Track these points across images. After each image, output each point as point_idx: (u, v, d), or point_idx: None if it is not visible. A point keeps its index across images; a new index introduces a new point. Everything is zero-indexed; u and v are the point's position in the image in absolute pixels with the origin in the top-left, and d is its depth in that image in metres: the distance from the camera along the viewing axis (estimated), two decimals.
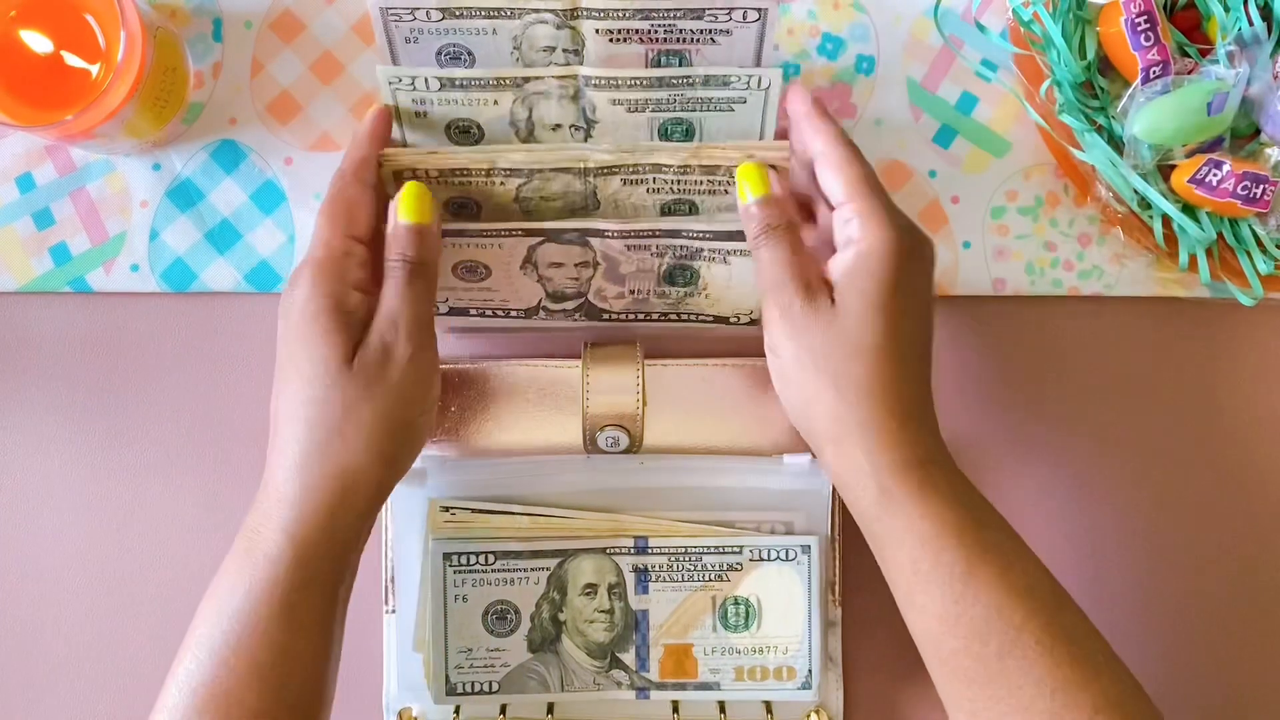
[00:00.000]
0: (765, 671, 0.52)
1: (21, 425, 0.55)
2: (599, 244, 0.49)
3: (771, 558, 0.52)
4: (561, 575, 0.52)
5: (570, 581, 0.52)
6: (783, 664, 0.52)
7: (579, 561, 0.52)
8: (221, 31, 0.56)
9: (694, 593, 0.52)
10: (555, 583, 0.52)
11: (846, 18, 0.56)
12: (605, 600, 0.52)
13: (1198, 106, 0.50)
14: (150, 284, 0.55)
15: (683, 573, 0.52)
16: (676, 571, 0.52)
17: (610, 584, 0.52)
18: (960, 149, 0.56)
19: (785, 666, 0.52)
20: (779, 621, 0.52)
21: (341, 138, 0.56)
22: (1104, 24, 0.52)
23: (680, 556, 0.52)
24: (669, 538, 0.52)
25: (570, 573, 0.52)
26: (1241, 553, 0.56)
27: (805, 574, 0.52)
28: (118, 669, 0.55)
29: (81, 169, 0.56)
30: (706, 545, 0.52)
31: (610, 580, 0.52)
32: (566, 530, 0.52)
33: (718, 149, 0.47)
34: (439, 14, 0.46)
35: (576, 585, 0.52)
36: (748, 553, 0.52)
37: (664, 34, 0.47)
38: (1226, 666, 0.56)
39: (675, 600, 0.52)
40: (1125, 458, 0.56)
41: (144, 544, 0.55)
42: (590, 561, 0.52)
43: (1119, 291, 0.56)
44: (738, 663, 0.52)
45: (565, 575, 0.52)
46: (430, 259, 0.44)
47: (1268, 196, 0.51)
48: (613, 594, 0.52)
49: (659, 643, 0.52)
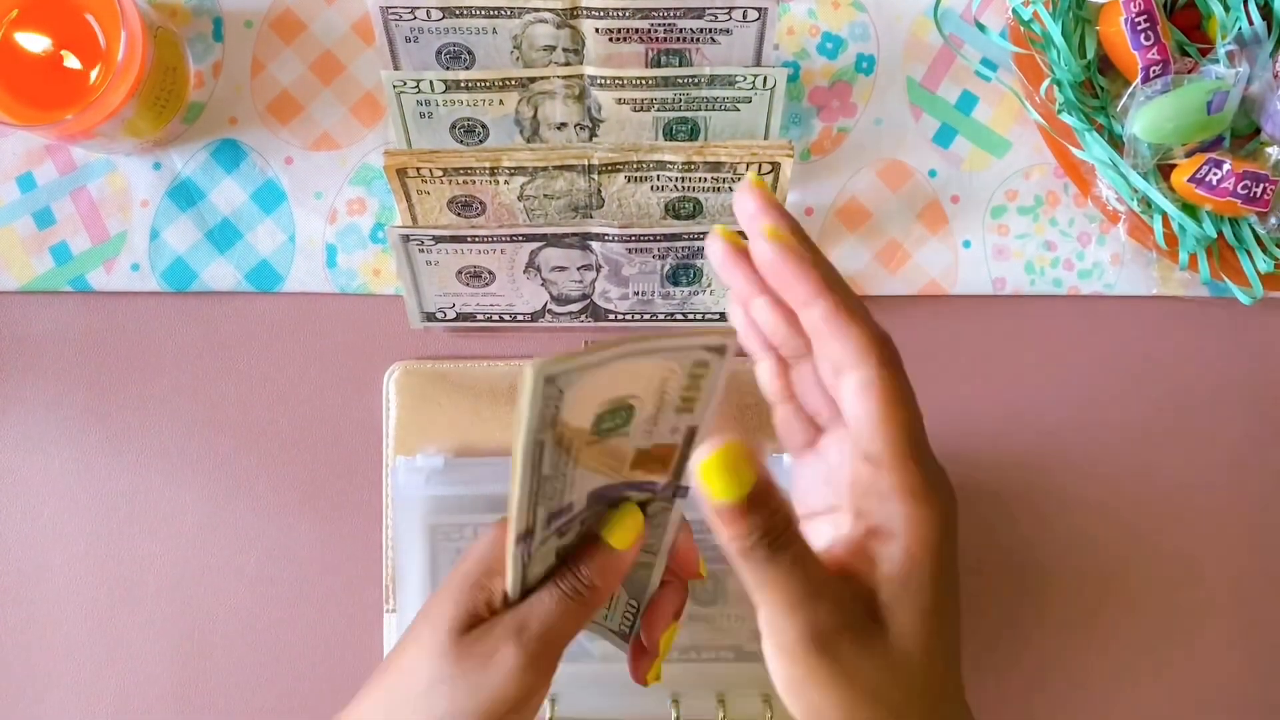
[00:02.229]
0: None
1: (21, 425, 0.55)
2: (600, 247, 0.49)
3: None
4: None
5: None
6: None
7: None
8: (222, 31, 0.56)
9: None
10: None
11: (846, 17, 0.56)
12: None
13: (1198, 106, 0.50)
14: (151, 283, 0.55)
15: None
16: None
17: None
18: (960, 148, 0.56)
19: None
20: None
21: (341, 137, 0.55)
22: (1104, 23, 0.52)
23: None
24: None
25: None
26: (1242, 552, 0.56)
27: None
28: (118, 669, 0.55)
29: (82, 168, 0.55)
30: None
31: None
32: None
33: (722, 147, 0.47)
34: (439, 13, 0.46)
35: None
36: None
37: (664, 33, 0.47)
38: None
39: None
40: (1125, 457, 0.56)
41: (144, 544, 0.55)
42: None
43: (1119, 291, 0.56)
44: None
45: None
46: (605, 596, 0.39)
47: (1268, 195, 0.51)
48: None
49: None
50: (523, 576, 0.39)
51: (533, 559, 0.38)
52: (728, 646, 0.53)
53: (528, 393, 0.32)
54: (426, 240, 0.49)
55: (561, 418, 0.34)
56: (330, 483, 0.55)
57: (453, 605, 0.39)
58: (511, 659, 0.37)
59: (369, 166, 0.55)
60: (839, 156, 0.56)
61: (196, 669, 0.55)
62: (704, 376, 0.35)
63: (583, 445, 0.36)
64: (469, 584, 0.39)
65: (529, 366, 0.31)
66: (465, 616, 0.38)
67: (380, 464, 0.55)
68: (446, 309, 0.52)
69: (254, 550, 0.55)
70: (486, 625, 0.38)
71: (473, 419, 0.53)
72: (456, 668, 0.37)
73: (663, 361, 0.34)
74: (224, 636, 0.55)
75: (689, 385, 0.36)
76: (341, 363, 0.55)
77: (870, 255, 0.55)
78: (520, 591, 0.39)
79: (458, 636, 0.38)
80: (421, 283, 0.51)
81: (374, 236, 0.55)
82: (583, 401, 0.34)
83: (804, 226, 0.55)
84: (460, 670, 0.37)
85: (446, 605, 0.39)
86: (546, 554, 0.39)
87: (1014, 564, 0.55)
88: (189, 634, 0.55)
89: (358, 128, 0.55)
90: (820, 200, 0.55)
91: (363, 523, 0.55)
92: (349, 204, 0.55)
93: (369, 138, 0.55)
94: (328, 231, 0.55)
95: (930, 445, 0.34)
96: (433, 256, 0.50)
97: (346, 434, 0.55)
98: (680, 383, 0.35)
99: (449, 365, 0.54)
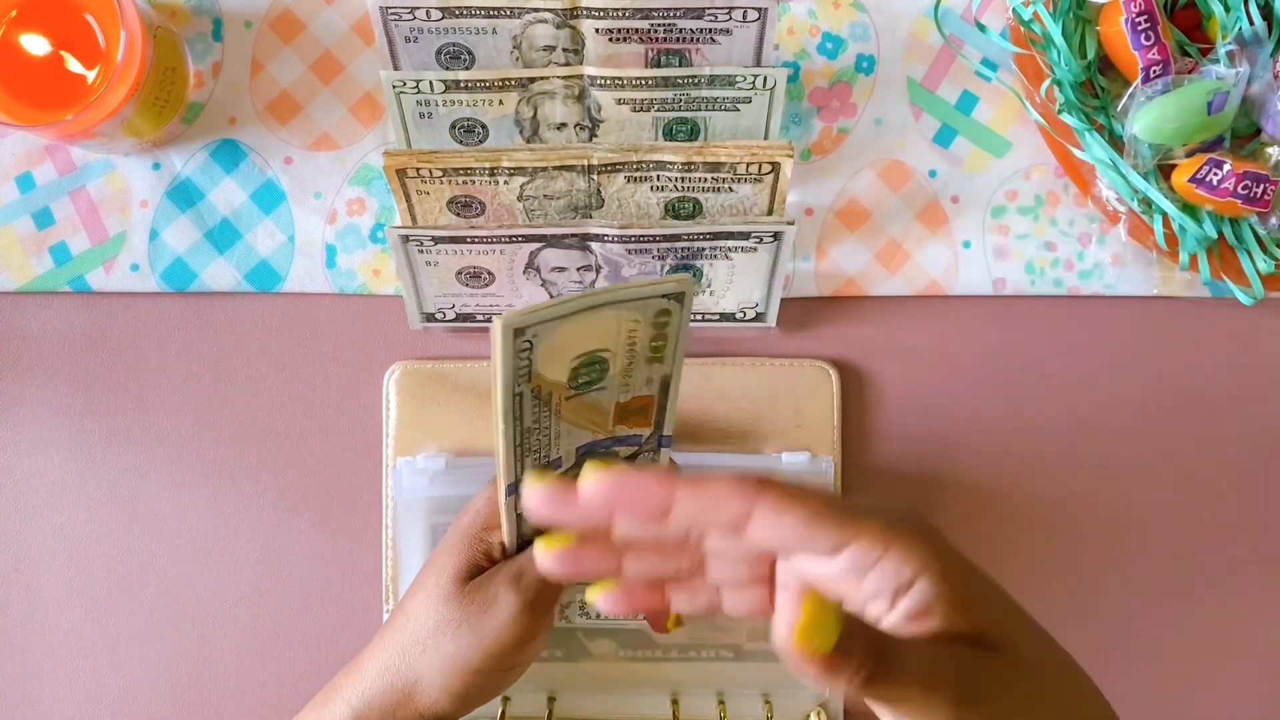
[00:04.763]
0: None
1: (21, 425, 0.55)
2: (599, 248, 0.49)
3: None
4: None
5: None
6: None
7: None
8: (221, 31, 0.56)
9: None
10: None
11: (846, 17, 0.56)
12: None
13: (1198, 106, 0.50)
14: (150, 284, 0.55)
15: None
16: None
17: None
18: (960, 149, 0.56)
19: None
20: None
21: (341, 137, 0.55)
22: (1104, 23, 0.52)
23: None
24: None
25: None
26: (1242, 553, 0.56)
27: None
28: (118, 668, 0.55)
29: (81, 169, 0.55)
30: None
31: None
32: None
33: (722, 147, 0.47)
34: (439, 13, 0.46)
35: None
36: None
37: (664, 33, 0.47)
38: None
39: None
40: (1125, 458, 0.56)
41: (144, 544, 0.55)
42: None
43: (1119, 291, 0.56)
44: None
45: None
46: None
47: (1268, 196, 0.51)
48: None
49: None
50: (518, 529, 0.42)
51: (526, 513, 0.40)
52: (728, 646, 0.53)
53: (498, 346, 0.35)
54: (426, 241, 0.49)
55: (536, 370, 0.37)
56: (330, 483, 0.55)
57: (455, 556, 0.42)
58: (510, 604, 0.41)
59: (368, 167, 0.55)
60: (839, 157, 0.55)
61: (196, 669, 0.55)
62: (668, 325, 0.38)
63: (562, 399, 0.39)
64: (469, 537, 0.43)
65: (497, 320, 0.34)
66: (467, 566, 0.42)
67: (380, 464, 0.55)
68: (446, 309, 0.52)
69: (254, 550, 0.55)
70: (487, 574, 0.42)
71: (473, 419, 0.53)
72: (461, 611, 0.41)
73: (626, 312, 0.37)
74: (224, 636, 0.55)
75: (655, 335, 0.38)
76: (341, 363, 0.55)
77: (870, 255, 0.55)
78: (516, 545, 0.42)
79: (461, 584, 0.41)
80: (421, 283, 0.51)
81: (373, 237, 0.55)
82: (555, 354, 0.37)
83: (804, 226, 0.55)
84: (464, 614, 0.41)
85: (450, 557, 0.42)
86: None
87: (1013, 564, 0.55)
88: (189, 634, 0.55)
89: (357, 128, 0.55)
90: (820, 200, 0.55)
91: (363, 523, 0.55)
92: (348, 204, 0.55)
93: (368, 138, 0.55)
94: (327, 232, 0.55)
95: (852, 504, 0.34)
96: (432, 257, 0.50)
97: (346, 434, 0.55)
98: (647, 333, 0.38)
99: (449, 365, 0.54)
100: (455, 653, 0.41)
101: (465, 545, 0.43)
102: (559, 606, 0.44)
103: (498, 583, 0.42)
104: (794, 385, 0.54)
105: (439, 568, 0.42)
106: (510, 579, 0.42)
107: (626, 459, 0.43)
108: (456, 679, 0.41)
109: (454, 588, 0.42)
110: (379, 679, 0.42)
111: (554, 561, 0.35)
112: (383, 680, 0.42)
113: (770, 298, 0.52)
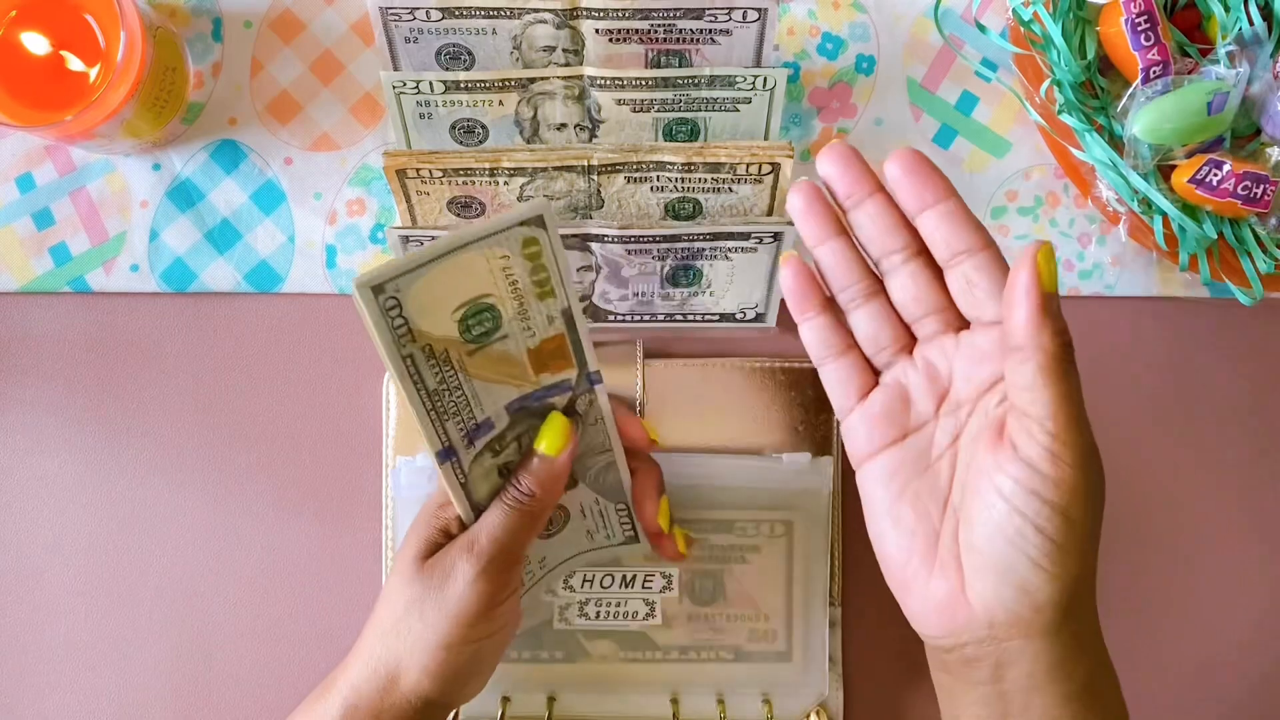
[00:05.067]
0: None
1: (21, 425, 0.55)
2: (599, 249, 0.49)
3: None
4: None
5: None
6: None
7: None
8: (221, 31, 0.56)
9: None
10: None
11: (846, 17, 0.56)
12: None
13: (1198, 106, 0.50)
14: (150, 284, 0.55)
15: None
16: None
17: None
18: (960, 149, 0.56)
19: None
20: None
21: (341, 138, 0.55)
22: (1104, 24, 0.52)
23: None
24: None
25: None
26: (1242, 553, 0.56)
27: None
28: (118, 669, 0.55)
29: (81, 169, 0.55)
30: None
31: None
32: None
33: (722, 148, 0.47)
34: (439, 14, 0.46)
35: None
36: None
37: (664, 34, 0.47)
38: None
39: None
40: (1124, 459, 0.56)
41: (144, 544, 0.55)
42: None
43: (1119, 291, 0.56)
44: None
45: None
46: (550, 503, 0.43)
47: (1268, 196, 0.51)
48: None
49: None
50: (468, 499, 0.42)
51: (471, 480, 0.41)
52: (728, 646, 0.53)
53: (362, 308, 0.34)
54: (426, 241, 0.49)
55: (418, 327, 0.36)
56: (330, 483, 0.55)
57: (416, 538, 0.43)
58: (466, 571, 0.41)
59: (368, 167, 0.55)
60: None
61: (196, 669, 0.55)
62: (540, 254, 0.37)
63: (464, 355, 0.38)
64: (427, 517, 0.44)
65: (353, 283, 0.34)
66: (425, 545, 0.43)
67: (380, 464, 0.55)
68: None
69: (254, 550, 0.55)
70: (445, 549, 0.42)
71: None
72: (423, 588, 0.42)
73: (489, 249, 0.36)
74: (224, 637, 0.55)
75: (533, 268, 0.37)
76: (341, 363, 0.55)
77: None
78: (472, 513, 0.42)
79: (421, 563, 0.42)
80: None
81: (373, 237, 0.55)
82: (430, 307, 0.36)
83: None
84: (425, 590, 0.42)
85: (412, 540, 0.43)
86: (488, 473, 0.42)
87: None
88: (189, 634, 0.55)
89: (357, 128, 0.55)
90: None
91: (363, 523, 0.55)
92: (348, 205, 0.55)
93: (368, 138, 0.55)
94: (327, 232, 0.55)
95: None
96: None
97: (346, 434, 0.55)
98: (524, 267, 0.37)
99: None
100: (424, 630, 0.42)
101: (425, 525, 0.43)
102: (523, 567, 0.44)
103: (453, 554, 0.42)
104: (794, 386, 0.54)
105: (403, 552, 0.43)
106: (464, 547, 0.42)
107: (565, 411, 0.42)
108: (430, 657, 0.42)
109: (414, 567, 0.42)
110: (364, 668, 0.42)
111: (802, 198, 0.39)
112: (368, 669, 0.42)
113: (770, 298, 0.52)
